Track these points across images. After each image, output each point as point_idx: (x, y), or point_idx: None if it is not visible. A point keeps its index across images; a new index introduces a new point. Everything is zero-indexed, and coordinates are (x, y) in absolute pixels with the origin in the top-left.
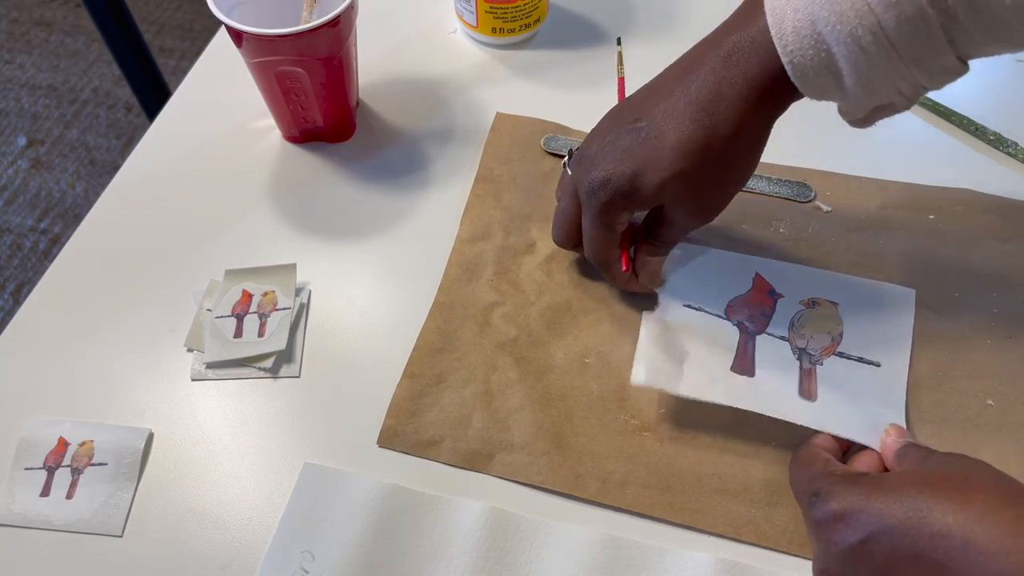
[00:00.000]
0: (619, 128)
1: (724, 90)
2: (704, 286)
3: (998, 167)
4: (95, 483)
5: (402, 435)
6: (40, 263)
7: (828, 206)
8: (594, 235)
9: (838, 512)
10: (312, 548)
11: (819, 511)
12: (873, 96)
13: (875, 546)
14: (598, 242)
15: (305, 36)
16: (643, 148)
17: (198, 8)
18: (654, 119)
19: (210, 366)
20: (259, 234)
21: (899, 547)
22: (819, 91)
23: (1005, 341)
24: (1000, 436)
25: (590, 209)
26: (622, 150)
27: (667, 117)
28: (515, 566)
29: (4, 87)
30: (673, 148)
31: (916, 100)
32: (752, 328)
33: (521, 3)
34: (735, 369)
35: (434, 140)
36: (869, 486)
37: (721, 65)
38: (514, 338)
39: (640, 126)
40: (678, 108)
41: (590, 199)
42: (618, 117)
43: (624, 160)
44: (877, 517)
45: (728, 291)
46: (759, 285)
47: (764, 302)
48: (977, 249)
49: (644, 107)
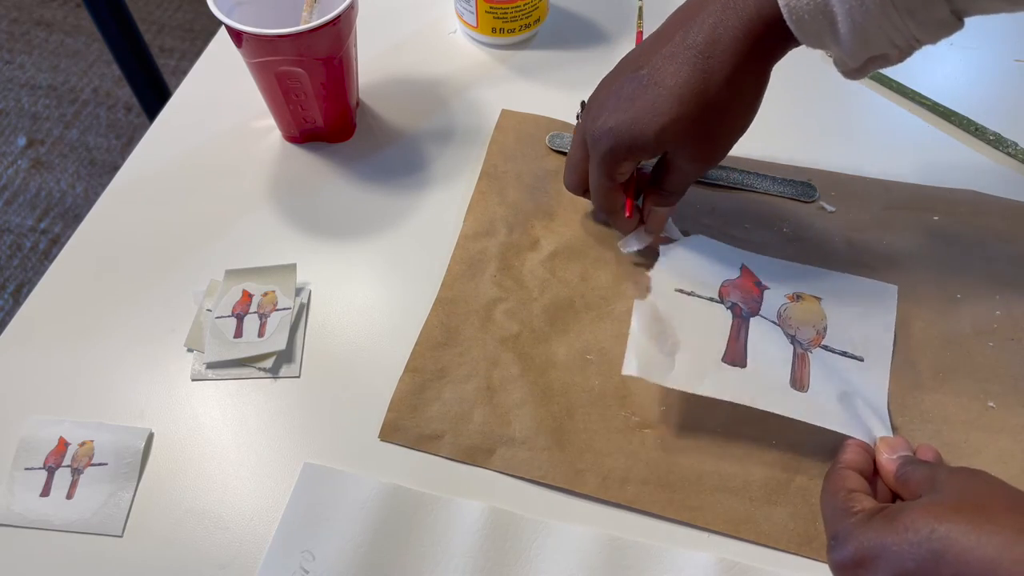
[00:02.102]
0: (623, 76)
1: (720, 33)
2: (695, 269)
3: (998, 167)
4: (95, 483)
5: (403, 429)
6: (40, 263)
7: (832, 206)
8: (599, 183)
9: (856, 557)
10: (312, 548)
11: (838, 555)
12: (867, 46)
13: None
14: (602, 189)
15: (305, 36)
16: (644, 95)
17: (198, 8)
18: (655, 65)
19: (210, 366)
20: (259, 234)
21: None
22: (814, 37)
23: (1007, 343)
24: (1001, 438)
25: (595, 157)
26: (624, 98)
27: (666, 62)
28: (515, 566)
29: (4, 87)
30: (671, 93)
31: (911, 53)
32: (747, 310)
33: (521, 3)
34: (727, 359)
35: (434, 140)
36: (884, 526)
37: (720, 9)
38: (516, 334)
39: (642, 73)
40: (677, 53)
41: (595, 147)
42: (623, 66)
43: (626, 108)
44: (896, 561)
45: (719, 275)
46: (746, 275)
47: (753, 290)
48: (980, 251)
49: (646, 54)
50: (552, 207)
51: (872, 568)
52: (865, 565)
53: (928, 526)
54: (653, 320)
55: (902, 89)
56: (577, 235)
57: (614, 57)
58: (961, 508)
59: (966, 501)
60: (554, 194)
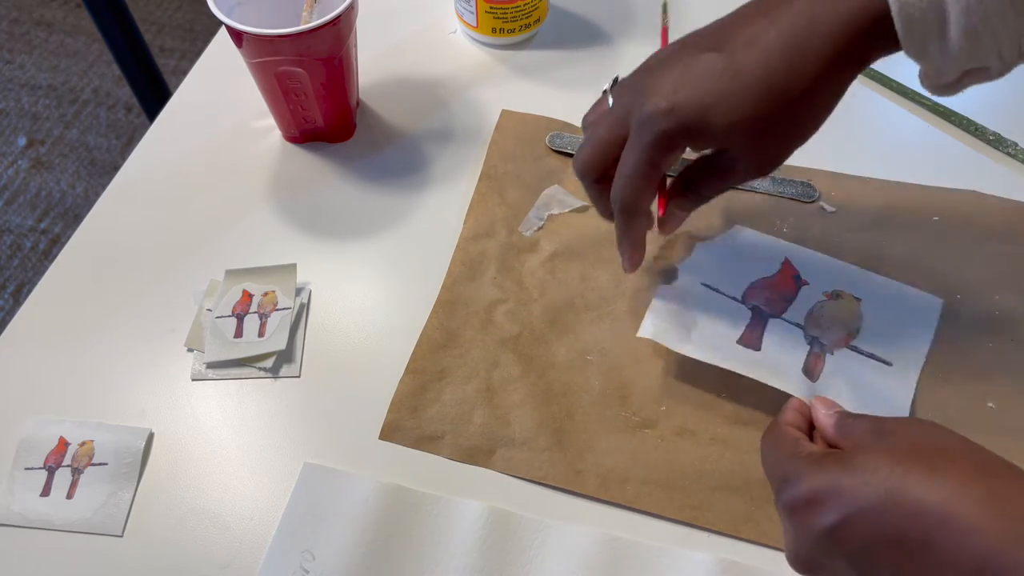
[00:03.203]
0: (686, 57)
1: (817, 28)
2: (726, 266)
3: (998, 167)
4: (95, 483)
5: (404, 430)
6: (40, 263)
7: (832, 206)
8: (635, 171)
9: (809, 495)
10: (312, 548)
11: (789, 495)
12: (974, 53)
13: (852, 528)
14: (638, 179)
15: (305, 36)
16: (719, 79)
17: (198, 8)
18: (735, 48)
19: (210, 366)
20: (259, 234)
21: (878, 528)
22: (918, 40)
23: (1007, 344)
24: (1001, 438)
25: (641, 139)
26: (692, 78)
27: (751, 47)
28: (515, 566)
29: (4, 87)
30: (755, 85)
31: (1010, 68)
32: (767, 311)
33: (521, 3)
34: (741, 342)
35: (434, 140)
36: (840, 466)
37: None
38: (516, 335)
39: (716, 55)
40: (766, 40)
41: (644, 127)
42: (684, 46)
43: (696, 89)
44: (852, 498)
45: (751, 273)
46: (786, 270)
47: (788, 287)
48: (980, 251)
49: (721, 36)
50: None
51: (825, 507)
52: (818, 504)
53: (885, 467)
54: (674, 301)
55: (902, 89)
56: (577, 236)
57: (614, 57)
58: (916, 452)
59: (920, 446)
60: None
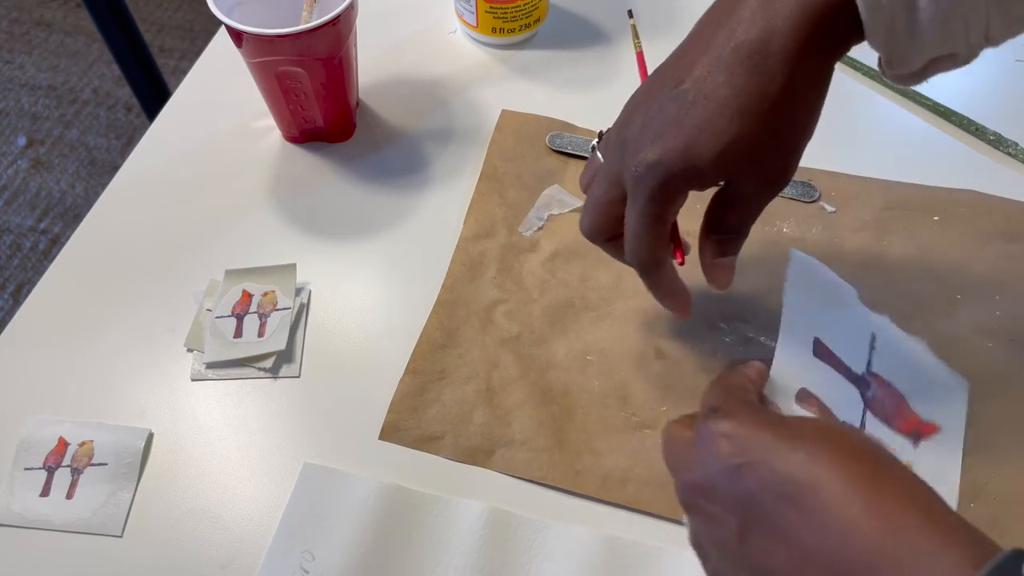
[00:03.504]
0: (659, 97)
1: (776, 26)
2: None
3: (998, 167)
4: (95, 483)
5: (404, 430)
6: (40, 263)
7: (832, 206)
8: (643, 229)
9: (727, 430)
10: (312, 548)
11: (711, 423)
12: (943, 40)
13: (748, 473)
14: (648, 237)
15: (305, 36)
16: (692, 114)
17: (198, 8)
18: (698, 77)
19: (210, 366)
20: (259, 234)
21: (770, 483)
22: (884, 27)
23: (1007, 344)
24: (1001, 437)
25: (639, 198)
26: (668, 122)
27: (713, 71)
28: (515, 566)
29: (4, 87)
30: (726, 106)
31: (975, 56)
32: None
33: (521, 3)
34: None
35: (434, 140)
36: (768, 420)
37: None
38: (516, 335)
39: (684, 88)
40: (724, 57)
41: (638, 186)
42: (654, 85)
43: (673, 133)
44: (762, 448)
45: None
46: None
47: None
48: (981, 251)
49: (682, 67)
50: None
51: (737, 444)
52: (732, 439)
53: (813, 439)
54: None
55: (902, 89)
56: (577, 236)
57: (614, 57)
58: (850, 440)
59: (854, 439)
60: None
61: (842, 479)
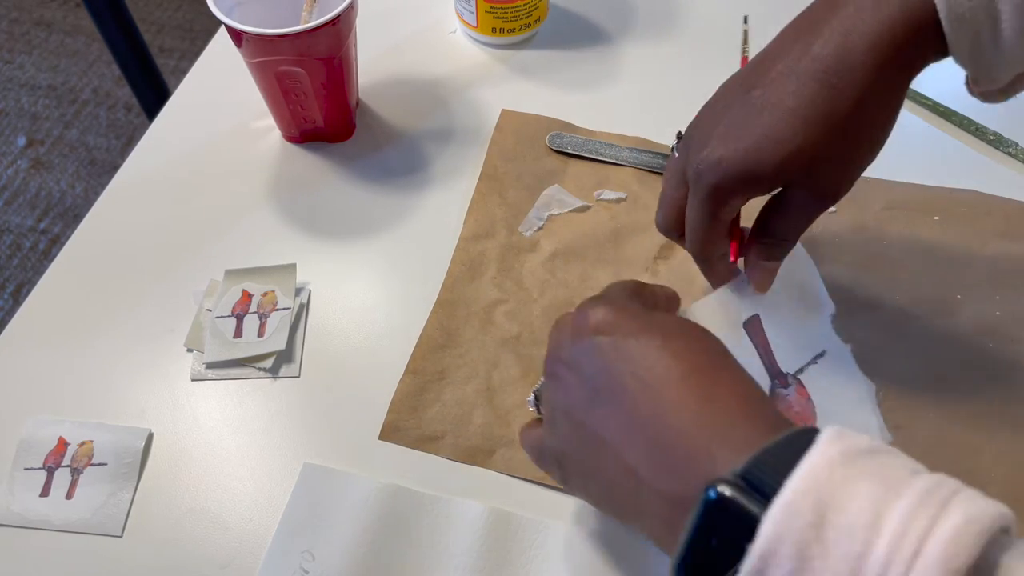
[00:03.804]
0: (731, 101)
1: (854, 42)
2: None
3: (998, 167)
4: (95, 483)
5: (404, 430)
6: (40, 263)
7: (833, 207)
8: (699, 224)
9: (600, 314)
10: (312, 548)
11: (588, 305)
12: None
13: (608, 348)
14: (704, 232)
15: (305, 36)
16: (759, 120)
17: (198, 8)
18: (770, 84)
19: (210, 366)
20: (259, 234)
21: (624, 359)
22: (967, 41)
23: (1007, 344)
24: (1001, 437)
25: (697, 193)
26: (735, 125)
27: (785, 80)
28: (515, 566)
29: (4, 87)
30: (793, 115)
31: None
32: None
33: (521, 3)
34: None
35: (434, 140)
36: (637, 311)
37: (853, 13)
38: (516, 335)
39: (754, 94)
40: (797, 68)
41: (698, 182)
42: (729, 88)
43: (738, 136)
44: (624, 330)
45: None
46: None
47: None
48: (981, 251)
49: (758, 73)
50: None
51: (597, 322)
52: (601, 323)
53: (668, 337)
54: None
55: None
56: (577, 236)
57: (614, 57)
58: (697, 349)
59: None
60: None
61: (683, 366)
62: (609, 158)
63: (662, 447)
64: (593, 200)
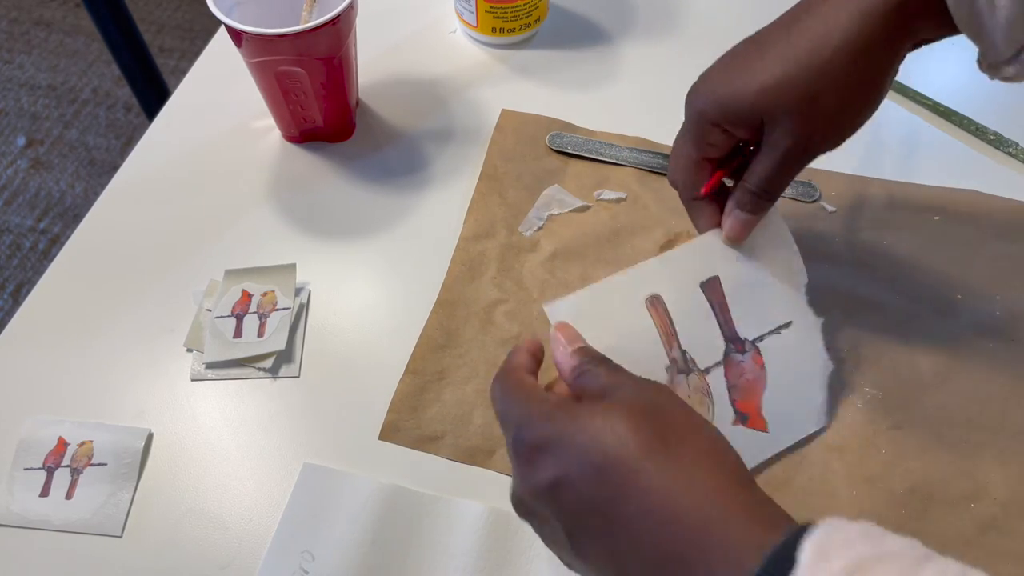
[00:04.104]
0: (734, 48)
1: (849, 6)
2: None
3: (998, 167)
4: (95, 483)
5: (404, 430)
6: (40, 263)
7: (832, 206)
8: (679, 151)
9: (535, 444)
10: (312, 548)
11: (517, 443)
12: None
13: (567, 489)
14: (684, 160)
15: (305, 36)
16: (746, 57)
17: (198, 8)
18: (766, 31)
19: (210, 366)
20: (259, 234)
21: (589, 494)
22: (967, 7)
23: (1007, 343)
24: (1001, 437)
25: (685, 123)
26: (725, 64)
27: (779, 28)
28: (515, 566)
29: (4, 87)
30: (777, 53)
31: None
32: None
33: (521, 3)
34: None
35: (434, 140)
36: (568, 421)
37: None
38: (516, 335)
39: (749, 39)
40: (794, 17)
41: (686, 112)
42: (733, 48)
43: (721, 69)
44: (571, 459)
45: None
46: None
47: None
48: (981, 251)
49: (758, 33)
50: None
51: (546, 462)
52: (541, 455)
53: (610, 433)
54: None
55: (902, 89)
56: (577, 236)
57: (614, 57)
58: (645, 421)
59: (652, 414)
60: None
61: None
62: (609, 158)
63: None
64: (593, 200)
